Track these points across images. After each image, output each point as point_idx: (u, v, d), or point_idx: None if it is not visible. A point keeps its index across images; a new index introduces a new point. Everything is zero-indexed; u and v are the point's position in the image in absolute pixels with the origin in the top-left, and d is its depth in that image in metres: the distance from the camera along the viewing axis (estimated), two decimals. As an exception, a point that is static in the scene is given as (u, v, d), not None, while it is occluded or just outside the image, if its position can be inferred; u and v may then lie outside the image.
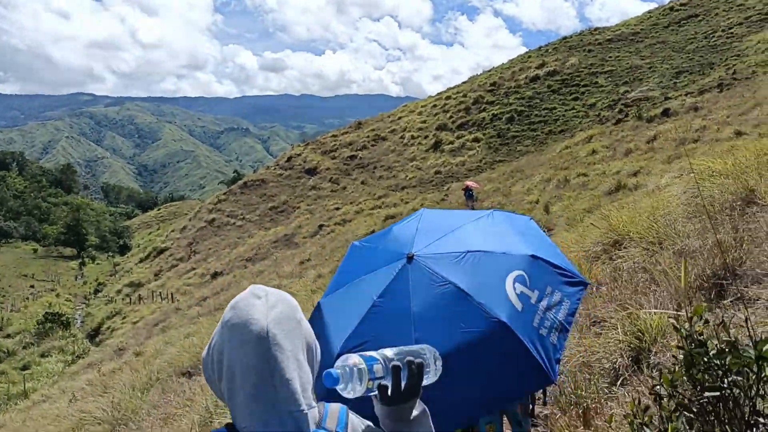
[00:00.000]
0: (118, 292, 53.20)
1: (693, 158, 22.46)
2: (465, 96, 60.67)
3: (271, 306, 1.33)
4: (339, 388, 1.33)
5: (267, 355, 1.26)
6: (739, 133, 23.11)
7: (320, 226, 41.37)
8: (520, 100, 55.95)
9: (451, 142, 54.06)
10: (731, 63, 41.85)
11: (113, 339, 32.22)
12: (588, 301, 5.24)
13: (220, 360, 1.32)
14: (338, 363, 1.35)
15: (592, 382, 3.81)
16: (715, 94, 33.90)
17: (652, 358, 3.67)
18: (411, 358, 1.38)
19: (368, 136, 61.03)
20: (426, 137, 56.86)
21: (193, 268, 46.15)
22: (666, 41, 54.22)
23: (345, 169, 56.84)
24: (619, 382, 3.68)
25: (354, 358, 1.36)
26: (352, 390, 1.34)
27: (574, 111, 51.01)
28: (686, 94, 37.20)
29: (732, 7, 53.98)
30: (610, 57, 55.89)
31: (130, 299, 46.95)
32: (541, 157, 36.82)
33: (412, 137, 57.89)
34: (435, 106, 62.23)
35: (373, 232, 30.79)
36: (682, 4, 60.42)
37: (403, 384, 1.37)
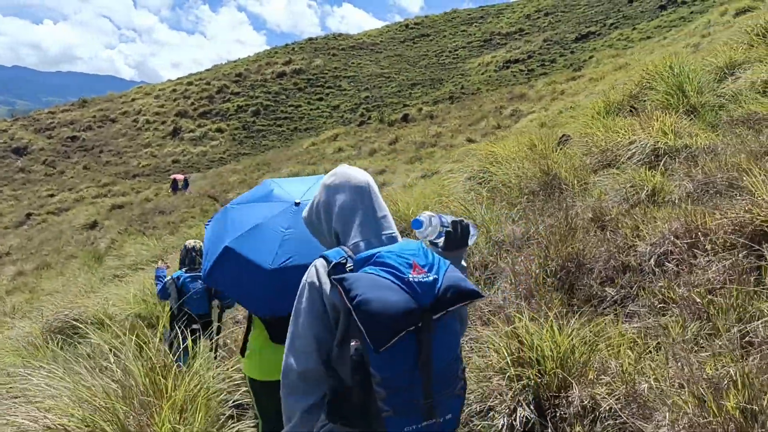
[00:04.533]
0: None
1: (432, 161, 23.76)
2: (208, 84, 57.54)
3: (360, 171, 2.03)
4: (421, 230, 1.97)
5: (371, 198, 1.96)
6: (470, 140, 25.08)
7: (28, 215, 35.07)
8: (266, 94, 54.91)
9: (192, 131, 50.67)
10: (458, 80, 46.28)
11: None
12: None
13: (328, 210, 1.97)
14: (422, 215, 1.99)
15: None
16: (448, 105, 36.90)
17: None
18: (461, 219, 2.07)
19: (94, 116, 54.25)
20: (164, 123, 52.48)
21: None
22: (402, 55, 58.17)
23: (64, 151, 49.61)
24: None
25: (431, 213, 2.02)
26: (430, 232, 1.98)
27: (319, 111, 51.72)
28: (423, 103, 39.85)
29: (457, 32, 60.17)
30: (353, 63, 58.03)
31: None
32: (288, 152, 36.21)
33: (148, 122, 52.96)
34: (175, 90, 57.84)
35: (95, 222, 26.81)
36: (416, 24, 65.65)
37: (459, 234, 2.03)
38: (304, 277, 1.85)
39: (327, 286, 1.78)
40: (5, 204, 39.94)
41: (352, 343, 1.66)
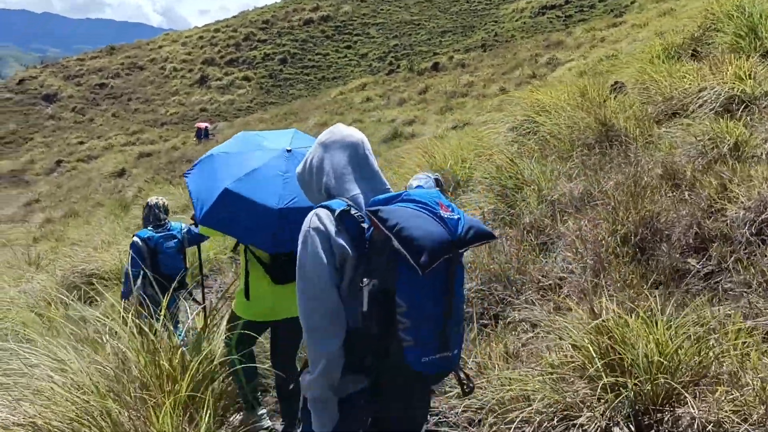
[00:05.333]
0: None
1: (464, 111, 22.90)
2: (235, 31, 56.48)
3: (354, 129, 2.09)
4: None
5: (366, 154, 2.03)
6: (503, 90, 24.07)
7: (59, 162, 35.21)
8: (293, 41, 53.76)
9: (219, 79, 50.03)
10: (490, 27, 44.55)
11: None
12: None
13: (320, 166, 2.01)
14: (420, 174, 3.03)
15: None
16: (480, 53, 35.55)
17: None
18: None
19: (122, 64, 53.83)
20: (191, 71, 51.89)
21: None
22: (433, 1, 56.10)
23: (93, 99, 49.51)
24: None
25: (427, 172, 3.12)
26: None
27: (347, 59, 50.53)
28: (454, 51, 38.53)
29: (491, -24, 57.69)
30: (382, 9, 56.25)
31: None
32: (316, 101, 35.47)
33: (175, 69, 52.40)
34: (202, 38, 56.95)
35: (123, 170, 26.71)
36: (448, -32, 63.08)
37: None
38: (306, 225, 1.85)
39: (333, 232, 1.80)
40: (36, 151, 40.17)
41: (367, 281, 1.73)
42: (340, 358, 1.79)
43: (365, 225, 1.82)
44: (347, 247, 1.79)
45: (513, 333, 2.79)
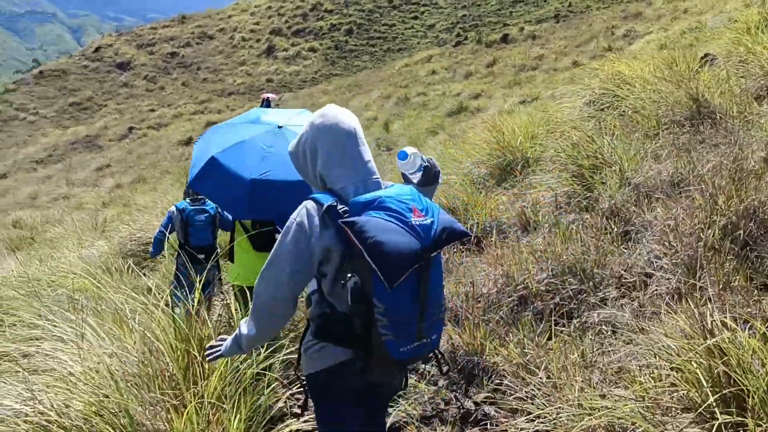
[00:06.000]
0: None
1: (533, 85, 22.01)
2: (303, 1, 56.36)
3: (348, 114, 2.05)
4: (404, 162, 2.10)
5: (358, 143, 2.01)
6: (576, 63, 22.96)
7: (130, 129, 36.30)
8: (360, 12, 53.24)
9: (286, 50, 50.22)
10: (564, -3, 42.67)
11: None
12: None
13: (314, 151, 2.01)
14: (408, 149, 2.13)
15: None
16: (552, 24, 34.13)
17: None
18: (435, 164, 2.22)
19: (193, 33, 54.76)
20: (258, 41, 52.28)
21: (-32, 168, 38.46)
22: (505, -30, 54.21)
23: (164, 67, 50.67)
24: None
25: (415, 149, 2.13)
26: (410, 167, 2.10)
27: (413, 30, 49.66)
28: (525, 23, 37.16)
29: (568, -56, 55.10)
30: (452, -22, 54.82)
31: None
32: (380, 74, 35.03)
33: (243, 39, 52.91)
34: (270, 8, 57.16)
35: (190, 138, 27.20)
36: (522, -65, 60.65)
37: (433, 171, 2.18)
38: (293, 216, 1.92)
39: (317, 227, 1.87)
40: (110, 117, 41.56)
41: (350, 276, 1.81)
42: (271, 334, 2.07)
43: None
44: (333, 240, 1.87)
45: (590, 337, 2.42)
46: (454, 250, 3.96)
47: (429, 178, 2.17)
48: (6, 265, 7.68)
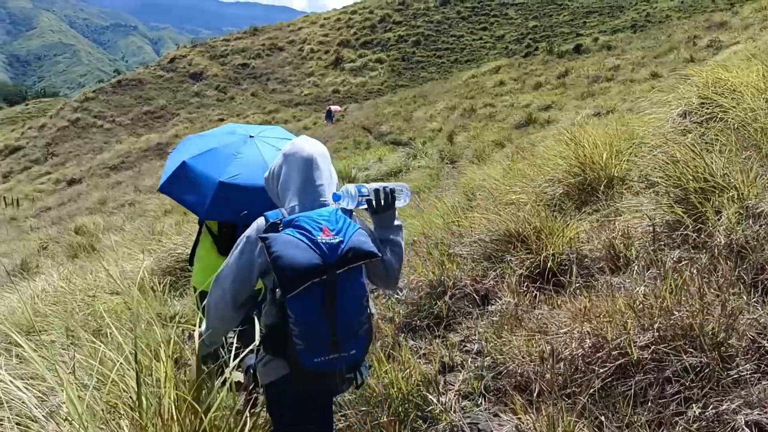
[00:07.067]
0: (-41, 193, 45.84)
1: (607, 97, 20.84)
2: (371, 13, 56.62)
3: (313, 144, 2.28)
4: (341, 202, 2.13)
5: (313, 169, 2.20)
6: (655, 75, 21.66)
7: (199, 137, 36.97)
8: (428, 23, 52.95)
9: (353, 61, 50.45)
10: (642, 7, 40.91)
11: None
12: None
13: (279, 174, 2.25)
14: (342, 188, 2.16)
15: None
16: (629, 34, 32.63)
17: None
18: (385, 186, 2.23)
19: (264, 45, 55.81)
20: (327, 52, 52.75)
21: (48, 173, 40.18)
22: (579, -21, 52.69)
23: (235, 78, 51.80)
24: None
25: (349, 186, 2.16)
26: (349, 203, 2.15)
27: (482, 41, 48.90)
28: (599, 33, 35.74)
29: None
30: (523, -11, 53.73)
31: (-30, 202, 40.36)
32: (446, 85, 34.39)
33: (312, 51, 53.53)
34: (339, 20, 57.73)
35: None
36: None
37: (382, 199, 2.21)
38: (247, 231, 2.13)
39: (260, 243, 2.01)
40: (181, 126, 42.65)
41: (277, 290, 1.96)
42: (222, 331, 2.24)
43: None
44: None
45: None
46: (525, 291, 3.25)
47: (379, 206, 2.21)
48: (57, 274, 7.47)
